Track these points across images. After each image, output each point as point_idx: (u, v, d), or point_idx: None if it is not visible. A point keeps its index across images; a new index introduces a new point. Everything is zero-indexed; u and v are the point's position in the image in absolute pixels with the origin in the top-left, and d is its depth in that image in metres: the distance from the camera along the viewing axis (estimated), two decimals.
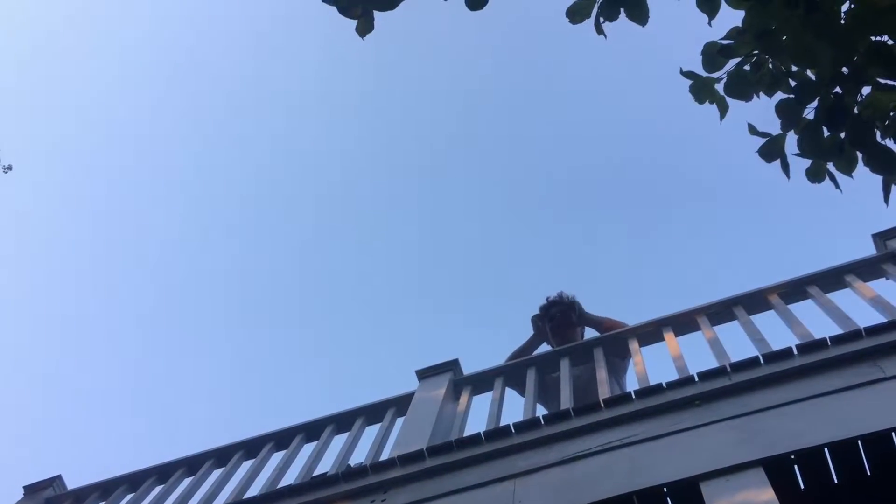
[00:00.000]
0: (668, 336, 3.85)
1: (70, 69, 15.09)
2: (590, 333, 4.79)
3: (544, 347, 4.84)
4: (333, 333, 15.27)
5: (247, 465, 4.10)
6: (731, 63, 2.63)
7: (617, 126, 14.29)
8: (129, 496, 4.22)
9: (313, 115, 15.80)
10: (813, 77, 2.48)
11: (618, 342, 4.11)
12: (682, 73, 2.74)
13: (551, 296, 4.96)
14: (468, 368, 4.24)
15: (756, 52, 2.57)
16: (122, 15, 14.77)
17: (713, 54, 2.64)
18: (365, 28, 2.38)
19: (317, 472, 3.74)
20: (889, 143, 2.43)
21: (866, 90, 2.37)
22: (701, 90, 2.74)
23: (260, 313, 15.25)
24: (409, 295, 15.20)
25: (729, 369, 3.15)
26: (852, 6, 2.24)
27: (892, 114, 2.40)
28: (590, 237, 14.71)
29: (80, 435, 14.30)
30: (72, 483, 4.41)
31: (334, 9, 2.36)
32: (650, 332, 4.01)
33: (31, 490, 4.32)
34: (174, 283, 15.45)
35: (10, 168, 10.47)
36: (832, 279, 3.86)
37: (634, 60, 12.19)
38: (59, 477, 4.39)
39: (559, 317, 4.86)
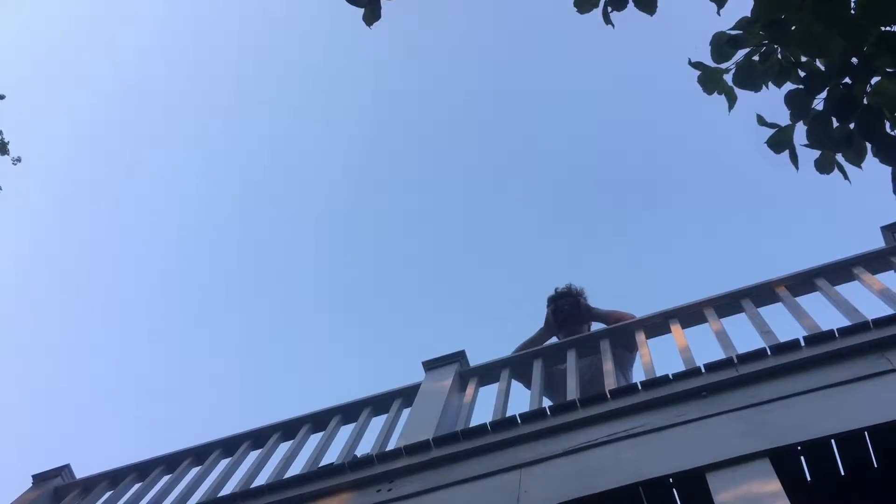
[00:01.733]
0: (675, 328, 3.84)
1: (78, 63, 15.14)
2: (596, 328, 4.77)
3: (553, 341, 4.83)
4: (340, 324, 15.31)
5: (254, 455, 4.11)
6: (740, 53, 2.62)
7: (627, 120, 14.25)
8: (138, 485, 4.24)
9: (319, 108, 15.82)
10: (822, 67, 2.46)
11: (625, 334, 4.11)
12: (690, 63, 2.72)
13: (560, 287, 4.94)
14: (475, 360, 4.24)
15: (765, 42, 2.55)
16: (129, 13, 14.81)
17: (722, 45, 2.62)
18: (372, 17, 2.37)
19: (323, 463, 3.75)
20: None
21: (876, 80, 2.35)
22: (709, 81, 2.72)
23: (267, 303, 15.30)
24: (417, 286, 15.22)
25: (736, 361, 3.15)
26: None
27: None
28: (598, 229, 14.69)
29: (88, 425, 14.40)
30: (80, 472, 4.45)
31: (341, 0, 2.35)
32: (657, 324, 4.01)
33: (39, 479, 4.36)
34: (183, 273, 15.52)
35: (19, 160, 10.50)
36: (840, 271, 3.85)
37: (644, 52, 12.14)
38: (67, 466, 4.42)
39: (567, 309, 4.84)
